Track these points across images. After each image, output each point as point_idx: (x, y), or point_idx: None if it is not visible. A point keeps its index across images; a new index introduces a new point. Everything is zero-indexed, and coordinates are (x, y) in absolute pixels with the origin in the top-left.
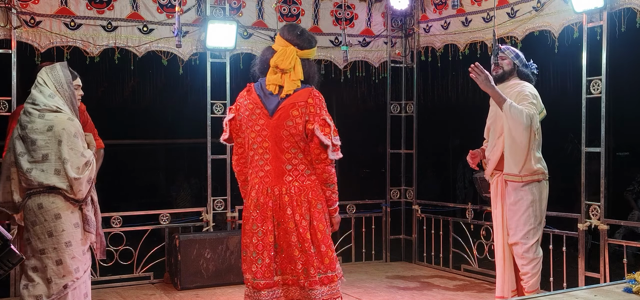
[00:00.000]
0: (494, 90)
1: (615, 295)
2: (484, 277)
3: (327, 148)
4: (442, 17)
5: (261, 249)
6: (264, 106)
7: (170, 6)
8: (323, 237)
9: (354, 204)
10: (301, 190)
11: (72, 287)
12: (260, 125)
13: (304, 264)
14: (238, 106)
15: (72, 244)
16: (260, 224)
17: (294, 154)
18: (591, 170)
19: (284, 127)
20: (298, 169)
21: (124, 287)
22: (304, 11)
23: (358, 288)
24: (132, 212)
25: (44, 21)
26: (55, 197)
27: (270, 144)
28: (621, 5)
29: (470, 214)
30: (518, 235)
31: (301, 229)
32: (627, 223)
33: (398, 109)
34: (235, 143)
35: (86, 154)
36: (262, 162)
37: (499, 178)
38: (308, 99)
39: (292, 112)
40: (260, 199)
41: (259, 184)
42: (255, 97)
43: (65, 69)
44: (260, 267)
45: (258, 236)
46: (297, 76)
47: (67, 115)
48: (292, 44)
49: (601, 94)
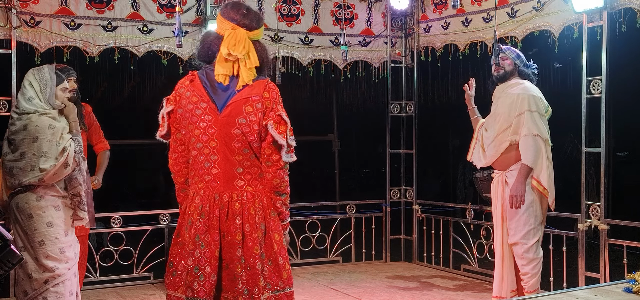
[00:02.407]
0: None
1: (615, 295)
2: (484, 277)
3: (281, 149)
4: (442, 17)
5: (204, 264)
6: (211, 100)
7: (170, 6)
8: (280, 248)
9: (354, 204)
10: (255, 196)
11: (52, 283)
12: (207, 122)
13: (245, 283)
14: (178, 97)
15: (45, 243)
16: (203, 235)
17: (246, 155)
18: (591, 170)
19: (236, 125)
20: (251, 172)
21: (123, 287)
22: (304, 11)
23: (358, 288)
24: (132, 212)
25: (44, 21)
26: (29, 196)
27: (219, 144)
28: (621, 5)
29: (470, 214)
30: (518, 235)
31: (250, 242)
32: (627, 223)
33: (398, 109)
34: (173, 139)
35: (63, 140)
36: (209, 165)
37: (500, 178)
38: (263, 93)
39: (245, 108)
40: (206, 207)
41: (204, 190)
42: (201, 89)
43: (52, 71)
44: (204, 285)
45: (201, 249)
46: (253, 63)
47: (39, 112)
48: (239, 25)
49: (601, 94)
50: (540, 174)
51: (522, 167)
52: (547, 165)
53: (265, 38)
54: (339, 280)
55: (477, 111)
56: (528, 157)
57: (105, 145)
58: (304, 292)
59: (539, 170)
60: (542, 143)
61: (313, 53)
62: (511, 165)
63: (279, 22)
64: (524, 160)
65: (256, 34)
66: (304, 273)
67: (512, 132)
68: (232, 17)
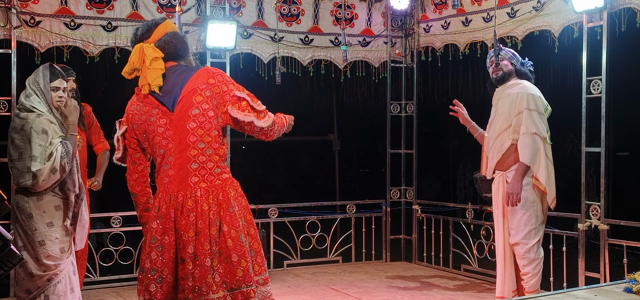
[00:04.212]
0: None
1: (615, 295)
2: (484, 277)
3: (252, 124)
4: (442, 17)
5: (161, 266)
6: (161, 103)
7: (170, 6)
8: (235, 245)
9: (354, 204)
10: (209, 192)
11: (55, 281)
12: (163, 126)
13: (195, 279)
14: (130, 115)
15: (45, 243)
16: (159, 237)
17: (200, 150)
18: (591, 170)
19: (190, 118)
20: (206, 167)
21: (123, 287)
22: (304, 11)
23: (358, 288)
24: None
25: (44, 21)
26: (30, 196)
27: (174, 145)
28: (621, 5)
29: (470, 214)
30: (519, 235)
31: (202, 238)
32: (627, 223)
33: (398, 109)
34: (131, 160)
35: (52, 146)
36: (167, 167)
37: (500, 178)
38: (209, 79)
39: (195, 98)
40: (162, 208)
41: (162, 192)
42: (149, 98)
43: (46, 69)
44: (161, 287)
45: (158, 251)
46: (150, 57)
47: (37, 113)
48: (135, 44)
49: (601, 94)
50: (538, 172)
51: (520, 166)
52: (546, 163)
53: (265, 38)
54: (339, 280)
55: (477, 127)
56: (526, 155)
57: (105, 146)
58: (304, 292)
59: (537, 168)
60: (540, 141)
61: (313, 53)
62: (512, 165)
63: (279, 22)
64: (521, 159)
65: (154, 35)
66: (304, 273)
67: (512, 132)
68: (131, 46)
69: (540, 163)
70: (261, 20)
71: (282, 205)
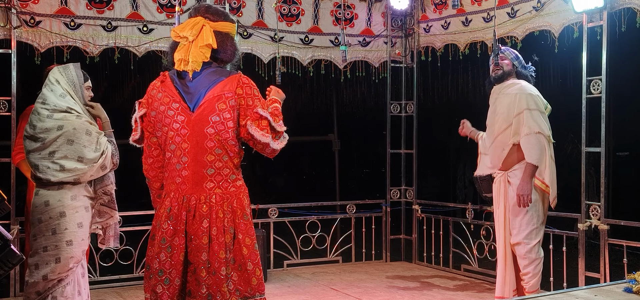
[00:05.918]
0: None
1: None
2: (484, 277)
3: (266, 146)
4: (442, 17)
5: (169, 268)
6: (183, 100)
7: (170, 6)
8: (250, 253)
9: (354, 204)
10: (224, 199)
11: (64, 282)
12: (180, 123)
13: (209, 287)
14: (150, 100)
15: (73, 244)
16: (169, 238)
17: (217, 156)
18: (591, 170)
19: (209, 123)
20: (222, 174)
21: (123, 287)
22: (304, 11)
23: (358, 288)
24: (132, 212)
25: (44, 21)
26: (63, 194)
27: (190, 146)
28: (621, 5)
29: (470, 214)
30: (520, 235)
31: (216, 246)
32: (627, 223)
33: (398, 108)
34: (147, 144)
35: (100, 146)
36: (180, 166)
37: (502, 178)
38: (237, 89)
39: (218, 105)
40: (174, 209)
41: (174, 192)
42: (172, 89)
43: (78, 69)
44: (168, 288)
45: (167, 252)
46: (205, 41)
47: (76, 114)
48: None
49: (601, 94)
50: (543, 171)
51: (528, 166)
52: (550, 162)
53: (265, 38)
54: (339, 280)
55: (477, 131)
56: (533, 155)
57: None
58: (304, 292)
59: (543, 167)
60: (544, 140)
61: (313, 53)
62: (514, 165)
63: (279, 22)
64: (528, 159)
65: (221, 25)
66: (304, 273)
67: (513, 133)
68: (194, 13)
69: (546, 162)
70: (261, 20)
71: (282, 205)
